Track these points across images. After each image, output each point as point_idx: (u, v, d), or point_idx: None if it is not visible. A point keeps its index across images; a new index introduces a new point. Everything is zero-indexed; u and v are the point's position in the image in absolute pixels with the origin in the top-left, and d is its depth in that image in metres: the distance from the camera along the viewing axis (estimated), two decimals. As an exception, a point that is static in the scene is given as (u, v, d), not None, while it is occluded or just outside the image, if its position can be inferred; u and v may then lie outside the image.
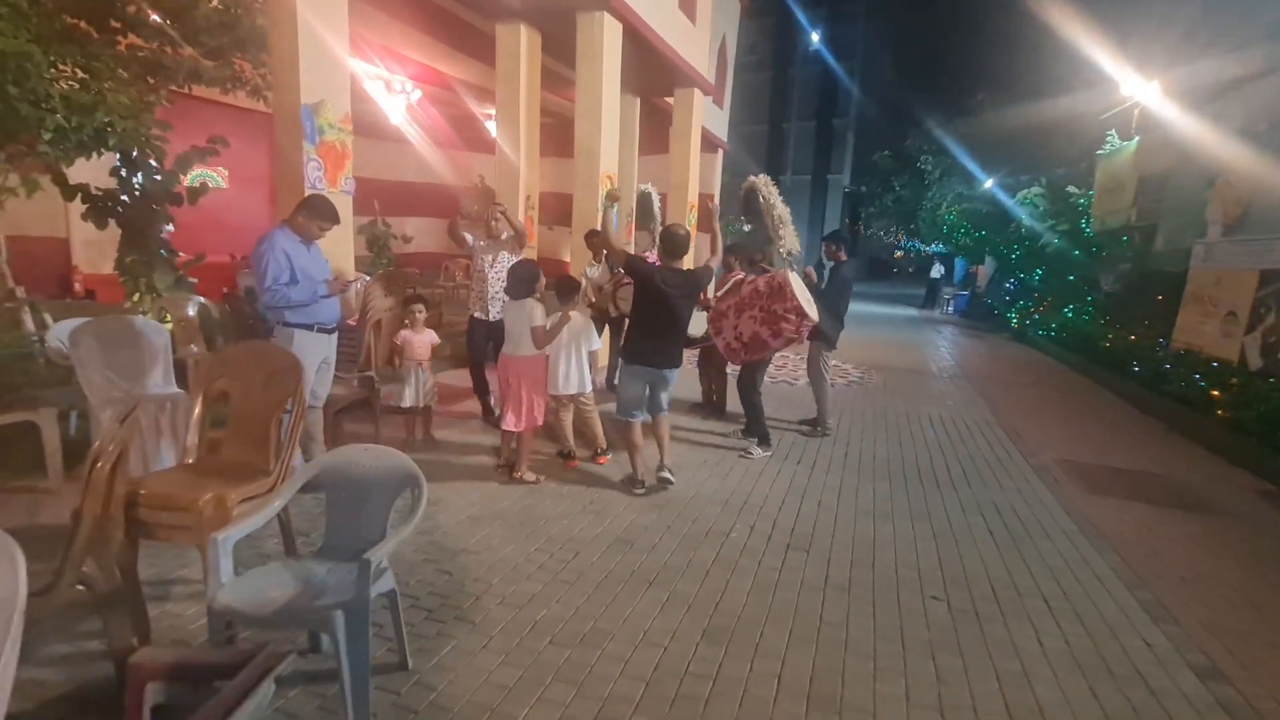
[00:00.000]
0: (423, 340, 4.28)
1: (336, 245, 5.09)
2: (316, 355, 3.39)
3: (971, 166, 17.58)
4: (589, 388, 4.22)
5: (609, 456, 4.33)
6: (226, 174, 11.53)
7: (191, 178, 12.70)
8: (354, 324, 4.83)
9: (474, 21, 8.26)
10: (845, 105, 34.38)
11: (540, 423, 3.90)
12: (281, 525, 2.45)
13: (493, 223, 4.76)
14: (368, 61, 10.02)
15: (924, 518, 3.72)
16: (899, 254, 35.36)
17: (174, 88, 6.40)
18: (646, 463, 3.89)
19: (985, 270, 19.74)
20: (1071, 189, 11.27)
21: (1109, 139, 10.07)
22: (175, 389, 3.78)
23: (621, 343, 3.68)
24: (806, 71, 34.90)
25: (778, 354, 4.71)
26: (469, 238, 4.81)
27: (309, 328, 3.32)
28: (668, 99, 11.24)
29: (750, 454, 4.66)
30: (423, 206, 13.64)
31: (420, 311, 4.35)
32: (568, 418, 4.27)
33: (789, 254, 4.43)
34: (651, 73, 9.21)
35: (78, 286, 9.57)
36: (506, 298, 3.97)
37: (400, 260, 8.84)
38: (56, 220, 9.35)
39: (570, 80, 7.36)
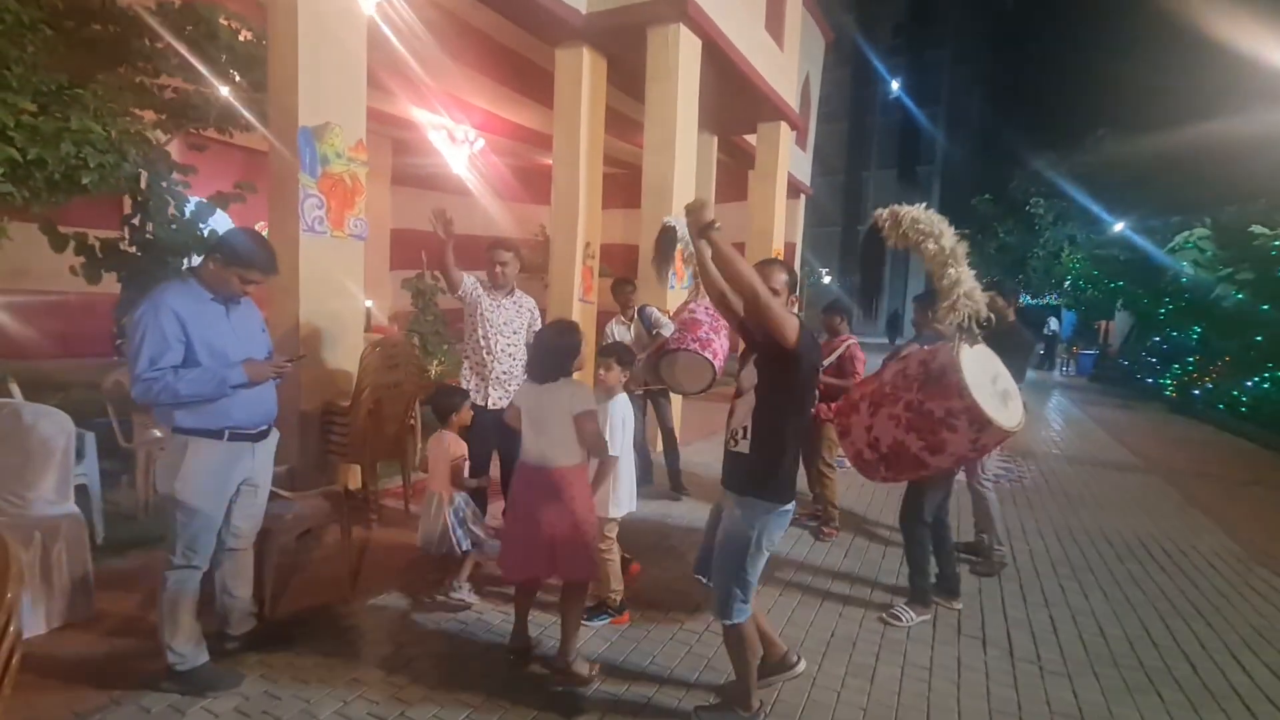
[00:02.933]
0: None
1: (341, 300, 4.02)
2: (227, 476, 2.14)
3: (1095, 208, 15.32)
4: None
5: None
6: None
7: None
8: (347, 406, 3.69)
9: (535, 57, 7.47)
10: (929, 152, 32.51)
11: (598, 573, 2.47)
12: None
13: (498, 269, 3.32)
14: (432, 111, 9.54)
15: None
16: (992, 306, 32.35)
17: (213, 132, 5.84)
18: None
19: (1116, 326, 17.04)
20: (1257, 228, 9.03)
21: (1311, 165, 7.95)
22: (73, 508, 2.66)
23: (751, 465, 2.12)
24: (886, 120, 33.55)
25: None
26: (467, 282, 3.30)
27: (216, 435, 2.09)
28: (748, 137, 10.09)
29: (898, 619, 3.03)
30: (481, 260, 12.98)
31: (469, 408, 3.09)
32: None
33: (968, 320, 2.56)
34: (733, 103, 8.06)
35: (121, 344, 9.26)
36: (525, 378, 2.61)
37: (446, 316, 7.88)
38: (110, 276, 9.15)
39: (640, 123, 6.25)
